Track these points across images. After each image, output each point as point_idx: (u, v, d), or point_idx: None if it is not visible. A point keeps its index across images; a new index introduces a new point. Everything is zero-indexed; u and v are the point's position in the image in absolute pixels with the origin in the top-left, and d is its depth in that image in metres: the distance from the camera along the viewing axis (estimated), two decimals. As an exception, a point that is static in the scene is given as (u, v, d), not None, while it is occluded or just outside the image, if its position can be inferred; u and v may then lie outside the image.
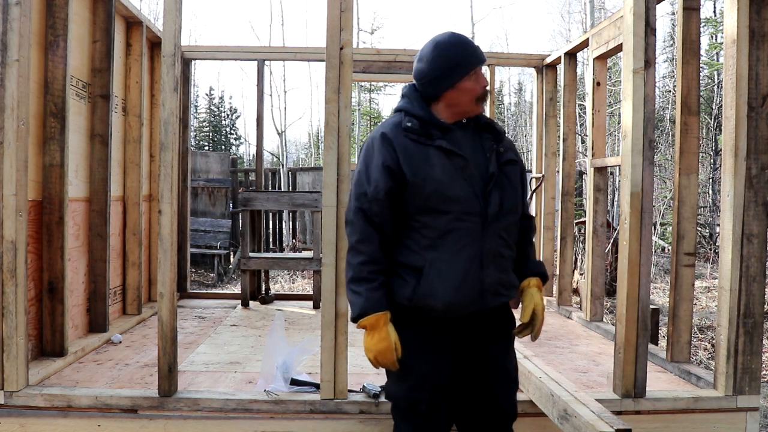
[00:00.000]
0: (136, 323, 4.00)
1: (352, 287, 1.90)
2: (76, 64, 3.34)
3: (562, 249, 4.70)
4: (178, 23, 2.50)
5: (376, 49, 5.20)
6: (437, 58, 1.91)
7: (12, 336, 2.50)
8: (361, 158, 1.96)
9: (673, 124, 14.10)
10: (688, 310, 3.11)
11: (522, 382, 2.70)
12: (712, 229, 11.80)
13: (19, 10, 2.49)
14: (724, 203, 2.67)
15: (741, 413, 2.66)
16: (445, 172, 1.85)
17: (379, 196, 1.87)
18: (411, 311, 1.91)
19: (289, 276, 9.51)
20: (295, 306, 4.89)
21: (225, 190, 10.90)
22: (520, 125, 25.61)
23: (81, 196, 3.45)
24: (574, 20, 20.37)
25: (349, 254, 1.94)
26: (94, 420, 2.54)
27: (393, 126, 1.93)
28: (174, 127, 2.50)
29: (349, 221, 1.94)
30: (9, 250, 2.49)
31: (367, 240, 1.89)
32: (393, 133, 1.90)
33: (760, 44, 2.60)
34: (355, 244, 1.91)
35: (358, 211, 1.89)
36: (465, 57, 1.91)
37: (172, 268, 2.52)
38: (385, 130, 1.93)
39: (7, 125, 2.48)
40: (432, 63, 1.91)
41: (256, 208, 4.87)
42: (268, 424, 2.55)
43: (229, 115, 34.22)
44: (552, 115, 5.02)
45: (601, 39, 4.03)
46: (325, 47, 2.50)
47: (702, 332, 6.27)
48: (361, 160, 1.95)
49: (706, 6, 15.46)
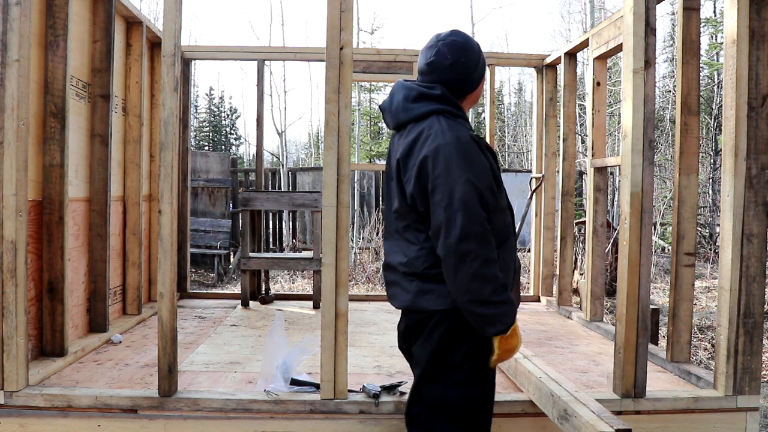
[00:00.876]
0: (136, 323, 4.00)
1: (499, 297, 1.81)
2: (76, 64, 3.34)
3: (562, 249, 4.70)
4: (178, 23, 2.50)
5: (376, 49, 5.20)
6: (478, 54, 1.97)
7: (12, 336, 2.50)
8: (461, 163, 1.78)
9: (673, 124, 14.11)
10: (688, 310, 3.11)
11: (522, 382, 2.71)
12: (712, 229, 11.80)
13: (19, 10, 2.49)
14: (724, 203, 2.67)
15: (741, 413, 2.66)
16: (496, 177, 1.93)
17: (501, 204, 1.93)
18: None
19: (289, 276, 9.51)
20: (295, 306, 4.89)
21: (225, 190, 10.91)
22: (520, 125, 25.59)
23: (81, 196, 3.46)
24: (574, 20, 20.36)
25: (482, 268, 1.76)
26: (94, 420, 2.54)
27: (467, 130, 1.91)
28: (174, 127, 2.50)
29: (479, 233, 1.75)
30: (9, 250, 2.49)
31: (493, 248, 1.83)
32: (474, 138, 1.89)
33: (760, 44, 2.60)
34: (491, 255, 1.79)
35: (486, 221, 1.78)
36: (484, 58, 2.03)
37: (172, 268, 2.52)
38: (471, 135, 1.89)
39: (7, 125, 2.48)
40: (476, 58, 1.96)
41: (256, 208, 4.87)
42: (268, 424, 2.55)
43: (229, 115, 34.23)
44: (552, 115, 5.02)
45: (601, 39, 4.03)
46: (325, 47, 2.50)
47: (702, 332, 6.27)
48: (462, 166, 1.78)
49: (706, 6, 15.46)
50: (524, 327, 4.19)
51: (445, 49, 1.93)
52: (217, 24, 62.81)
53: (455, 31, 1.99)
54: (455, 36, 1.96)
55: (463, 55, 1.93)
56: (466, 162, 1.78)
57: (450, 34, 1.96)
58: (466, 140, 1.82)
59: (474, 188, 1.75)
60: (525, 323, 4.31)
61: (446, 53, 1.93)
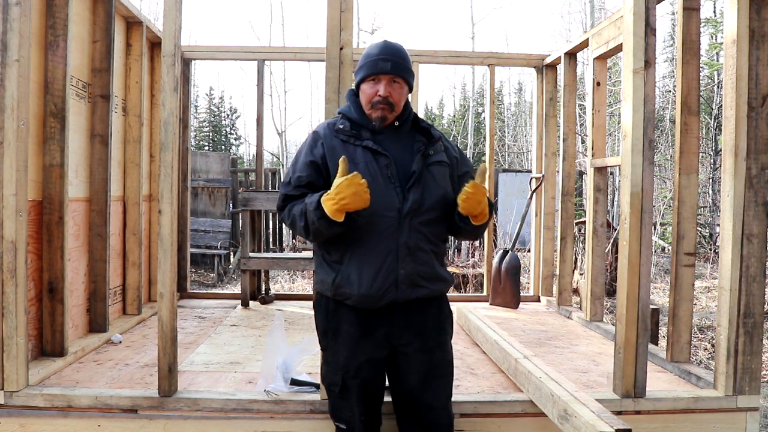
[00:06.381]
0: (136, 323, 4.00)
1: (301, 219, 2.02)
2: (76, 64, 3.34)
3: (562, 249, 4.70)
4: (178, 23, 2.50)
5: (376, 49, 5.19)
6: (363, 54, 2.14)
7: (12, 336, 2.50)
8: (296, 153, 2.21)
9: (673, 124, 14.11)
10: (688, 310, 3.11)
11: (522, 382, 2.71)
12: (712, 229, 11.81)
13: (19, 10, 2.49)
14: (724, 203, 2.67)
15: (741, 413, 2.66)
16: (368, 170, 2.01)
17: (301, 184, 2.08)
18: (333, 303, 2.11)
19: (289, 276, 9.51)
20: (295, 306, 4.88)
21: (225, 190, 10.91)
22: (520, 125, 25.59)
23: (81, 196, 3.45)
24: (574, 20, 20.36)
25: (287, 222, 2.13)
26: (94, 420, 2.54)
27: (327, 126, 2.15)
28: (174, 127, 2.50)
29: (279, 207, 2.15)
30: (9, 250, 2.49)
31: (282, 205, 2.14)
32: (324, 132, 2.12)
33: (760, 44, 2.60)
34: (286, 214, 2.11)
35: (284, 197, 2.12)
36: (371, 62, 2.08)
37: (172, 268, 2.52)
38: (318, 129, 2.15)
39: (7, 125, 2.48)
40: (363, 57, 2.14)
41: (256, 208, 4.87)
42: (268, 424, 2.55)
43: (229, 115, 34.23)
44: (552, 115, 5.02)
45: (601, 39, 4.03)
46: (325, 47, 2.50)
47: (702, 332, 6.28)
48: (295, 155, 2.20)
49: (706, 6, 15.45)
50: (524, 327, 4.19)
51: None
52: (217, 24, 62.82)
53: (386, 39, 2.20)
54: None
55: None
56: (298, 150, 2.19)
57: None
58: (310, 133, 2.18)
59: (287, 171, 2.19)
60: (525, 323, 4.31)
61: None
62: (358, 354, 2.08)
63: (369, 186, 1.93)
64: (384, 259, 2.01)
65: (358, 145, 2.06)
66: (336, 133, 2.10)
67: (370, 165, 2.02)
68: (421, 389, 2.11)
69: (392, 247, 2.01)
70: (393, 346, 2.10)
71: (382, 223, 2.01)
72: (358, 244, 2.03)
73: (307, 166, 2.08)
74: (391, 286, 2.02)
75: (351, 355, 2.08)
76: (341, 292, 2.05)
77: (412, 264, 2.03)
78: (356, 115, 2.12)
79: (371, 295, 2.02)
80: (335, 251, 2.08)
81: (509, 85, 29.40)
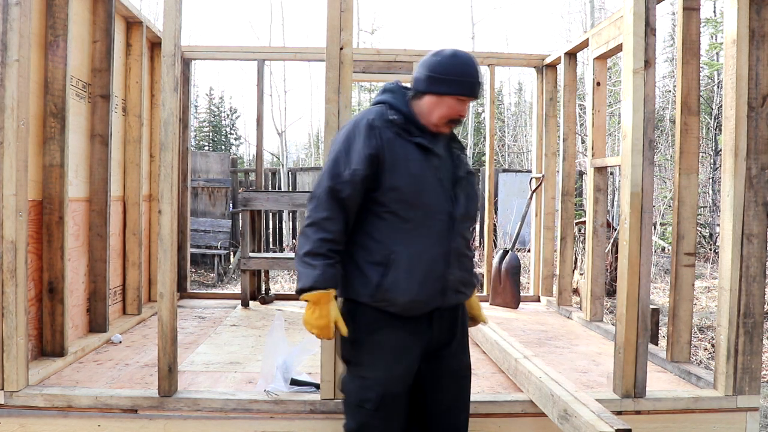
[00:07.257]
0: (136, 323, 4.00)
1: (306, 260, 1.88)
2: (76, 64, 3.34)
3: (562, 249, 4.70)
4: (178, 23, 2.50)
5: (376, 49, 5.20)
6: (448, 62, 1.94)
7: (12, 336, 2.50)
8: (340, 141, 1.96)
9: (673, 124, 14.10)
10: (688, 310, 3.11)
11: (522, 382, 2.71)
12: (712, 229, 11.80)
13: (19, 10, 2.49)
14: (724, 203, 2.67)
15: (741, 413, 2.67)
16: (422, 168, 1.91)
17: (356, 180, 1.88)
18: (370, 311, 1.92)
19: (289, 276, 9.51)
20: (295, 306, 4.88)
21: (225, 190, 10.90)
22: (520, 125, 25.57)
23: (81, 196, 3.45)
24: (574, 20, 20.37)
25: (309, 228, 1.91)
26: (94, 420, 2.54)
27: (379, 116, 1.95)
28: (174, 127, 2.50)
29: (316, 197, 1.92)
30: (9, 250, 2.49)
31: (334, 219, 1.90)
32: (379, 123, 1.93)
33: (760, 44, 2.60)
34: (320, 221, 1.90)
35: (329, 190, 1.90)
36: (465, 83, 1.93)
37: (172, 268, 2.52)
38: (372, 118, 1.94)
39: (7, 125, 2.48)
40: (442, 62, 1.94)
41: (256, 208, 4.87)
42: (268, 424, 2.55)
43: (229, 115, 34.21)
44: (552, 115, 5.02)
45: (601, 39, 4.03)
46: (325, 47, 2.50)
47: (702, 332, 6.27)
48: (340, 143, 1.95)
49: (706, 6, 15.44)
50: (524, 327, 4.19)
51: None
52: (217, 24, 62.85)
53: (467, 52, 2.03)
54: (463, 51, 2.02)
55: (446, 53, 1.97)
56: (345, 139, 1.94)
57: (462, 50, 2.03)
58: (359, 122, 1.94)
59: (335, 161, 1.92)
60: (525, 323, 4.31)
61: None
62: (402, 364, 1.93)
63: (423, 184, 1.88)
64: (435, 264, 1.91)
65: (410, 140, 1.93)
66: (388, 123, 1.94)
67: (423, 164, 1.92)
68: (452, 393, 2.04)
69: (444, 251, 1.92)
70: (428, 352, 2.00)
71: (434, 225, 1.91)
72: (409, 244, 1.90)
73: (365, 159, 1.88)
74: (438, 291, 1.92)
75: (395, 365, 1.92)
76: (387, 298, 1.89)
77: (459, 270, 1.97)
78: (406, 109, 1.98)
79: (419, 301, 1.90)
80: (378, 250, 1.91)
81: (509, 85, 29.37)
